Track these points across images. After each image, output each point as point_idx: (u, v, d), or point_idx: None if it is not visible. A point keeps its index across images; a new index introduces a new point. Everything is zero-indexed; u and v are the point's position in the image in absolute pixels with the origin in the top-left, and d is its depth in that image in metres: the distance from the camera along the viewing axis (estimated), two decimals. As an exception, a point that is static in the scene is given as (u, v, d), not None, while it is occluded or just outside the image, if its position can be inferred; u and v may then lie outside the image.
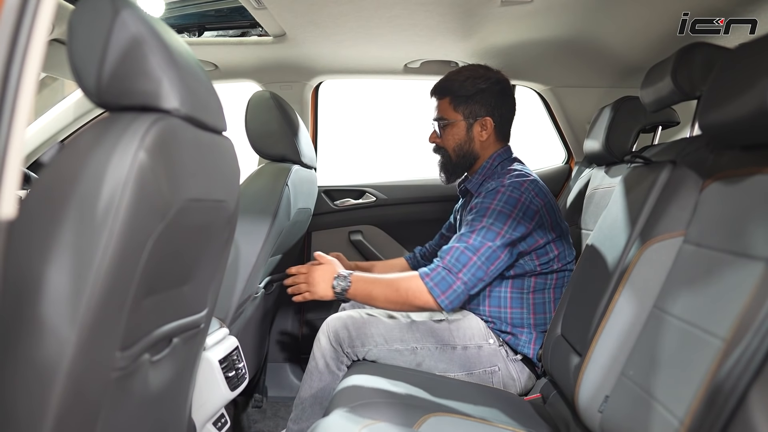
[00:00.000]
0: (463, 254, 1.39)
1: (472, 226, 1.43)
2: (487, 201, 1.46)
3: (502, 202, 1.44)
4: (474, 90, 1.57)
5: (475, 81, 1.58)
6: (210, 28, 1.93)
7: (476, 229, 1.41)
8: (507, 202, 1.44)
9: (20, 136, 0.61)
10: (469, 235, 1.41)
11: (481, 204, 1.46)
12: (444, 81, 1.62)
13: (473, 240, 1.40)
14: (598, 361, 1.05)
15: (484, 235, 1.40)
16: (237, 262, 1.49)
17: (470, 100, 1.58)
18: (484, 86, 1.57)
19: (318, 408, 1.48)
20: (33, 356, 0.60)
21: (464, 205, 1.73)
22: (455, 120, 1.60)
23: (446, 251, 1.42)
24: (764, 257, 0.73)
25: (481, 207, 1.46)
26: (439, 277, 1.38)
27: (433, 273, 1.39)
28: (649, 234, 1.05)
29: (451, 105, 1.60)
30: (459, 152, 1.62)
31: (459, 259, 1.39)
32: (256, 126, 1.73)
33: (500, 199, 1.44)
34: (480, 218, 1.43)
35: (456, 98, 1.59)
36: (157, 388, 0.85)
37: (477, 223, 1.43)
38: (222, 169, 0.88)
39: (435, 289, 1.37)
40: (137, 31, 0.69)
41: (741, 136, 0.89)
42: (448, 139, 1.62)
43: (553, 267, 1.53)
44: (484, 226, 1.41)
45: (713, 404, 0.66)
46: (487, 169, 1.61)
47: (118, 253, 0.62)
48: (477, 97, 1.58)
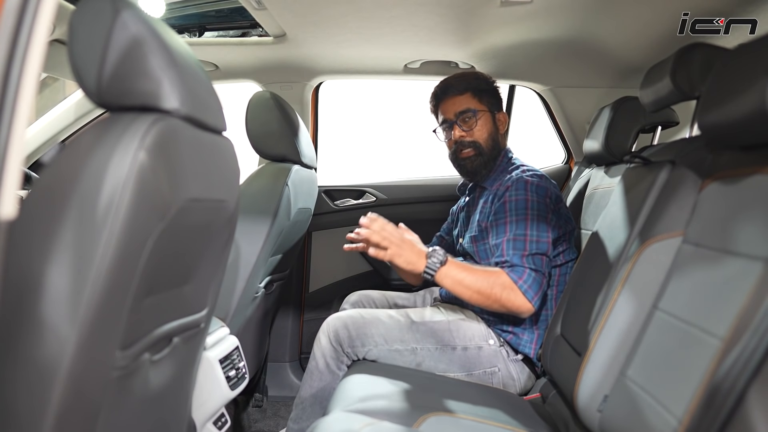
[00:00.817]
0: (536, 256, 1.41)
1: (522, 221, 1.44)
2: (521, 194, 1.48)
3: (535, 192, 1.48)
4: (490, 84, 1.66)
5: (486, 78, 1.66)
6: (210, 28, 1.93)
7: (528, 225, 1.43)
8: (539, 192, 1.48)
9: (21, 136, 0.62)
10: (524, 233, 1.43)
11: (516, 196, 1.48)
12: (458, 78, 1.64)
13: (532, 236, 1.42)
14: (598, 361, 1.05)
15: (538, 230, 1.43)
16: (237, 262, 1.49)
17: (490, 93, 1.65)
18: (494, 84, 1.67)
19: (318, 407, 1.48)
20: (33, 355, 0.60)
21: (472, 201, 1.73)
22: (483, 110, 1.62)
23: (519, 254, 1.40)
24: (763, 257, 0.73)
25: (518, 200, 1.48)
26: (531, 279, 1.39)
27: (525, 276, 1.39)
28: (648, 234, 1.05)
29: (475, 97, 1.62)
30: (490, 143, 1.63)
31: (535, 261, 1.40)
32: (257, 126, 1.74)
33: (532, 189, 1.48)
34: (524, 211, 1.45)
35: (478, 91, 1.62)
36: (158, 388, 0.85)
37: (524, 215, 1.45)
38: (222, 169, 0.88)
39: (529, 291, 1.38)
40: (137, 32, 0.69)
41: (740, 136, 0.89)
42: (480, 130, 1.62)
43: (558, 261, 1.55)
44: (534, 220, 1.44)
45: (712, 403, 0.67)
46: (500, 165, 1.65)
47: (118, 252, 0.62)
48: (494, 92, 1.66)
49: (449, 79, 1.66)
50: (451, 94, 1.63)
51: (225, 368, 1.26)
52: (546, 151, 2.53)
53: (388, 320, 1.52)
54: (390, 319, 1.52)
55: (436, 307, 1.62)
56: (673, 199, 1.03)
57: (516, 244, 1.42)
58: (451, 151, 1.66)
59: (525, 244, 1.42)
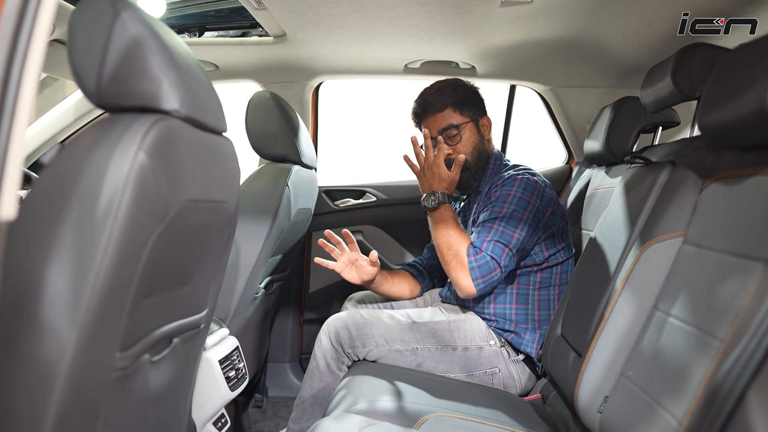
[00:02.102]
0: (497, 244, 1.42)
1: (495, 212, 1.47)
2: (506, 189, 1.50)
3: (521, 188, 1.49)
4: (470, 92, 1.63)
5: (463, 85, 1.63)
6: (210, 28, 1.93)
7: (500, 216, 1.45)
8: (525, 189, 1.49)
9: (21, 136, 0.62)
10: (493, 221, 1.45)
11: (500, 191, 1.50)
12: (436, 93, 1.60)
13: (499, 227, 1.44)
14: (598, 362, 1.05)
15: (507, 222, 1.44)
16: (237, 263, 1.49)
17: (470, 101, 1.62)
18: (473, 89, 1.65)
19: (318, 408, 1.48)
20: (33, 356, 0.60)
21: (468, 205, 1.73)
22: (465, 123, 1.60)
23: (481, 239, 1.44)
24: (763, 258, 0.73)
25: (501, 194, 1.50)
26: (483, 262, 1.41)
27: (478, 256, 1.41)
28: (648, 234, 1.05)
29: (456, 111, 1.60)
30: (477, 154, 1.62)
31: (495, 249, 1.42)
32: (257, 126, 1.74)
33: (519, 185, 1.49)
34: (501, 204, 1.47)
35: (458, 103, 1.60)
36: (158, 388, 0.85)
37: (499, 208, 1.47)
38: (222, 170, 0.88)
39: (475, 271, 1.41)
40: (137, 32, 0.69)
41: (740, 137, 0.89)
42: (465, 144, 1.60)
43: (558, 259, 1.55)
44: (507, 213, 1.45)
45: (711, 405, 0.66)
46: (492, 168, 1.65)
47: (118, 253, 0.62)
48: (474, 98, 1.63)
49: (427, 95, 1.62)
50: (431, 111, 1.60)
51: (225, 369, 1.26)
52: (547, 151, 2.53)
53: (388, 320, 1.52)
54: (391, 319, 1.52)
55: (436, 308, 1.62)
56: (673, 200, 1.03)
57: (483, 229, 1.46)
58: None
59: (490, 231, 1.44)
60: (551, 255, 1.54)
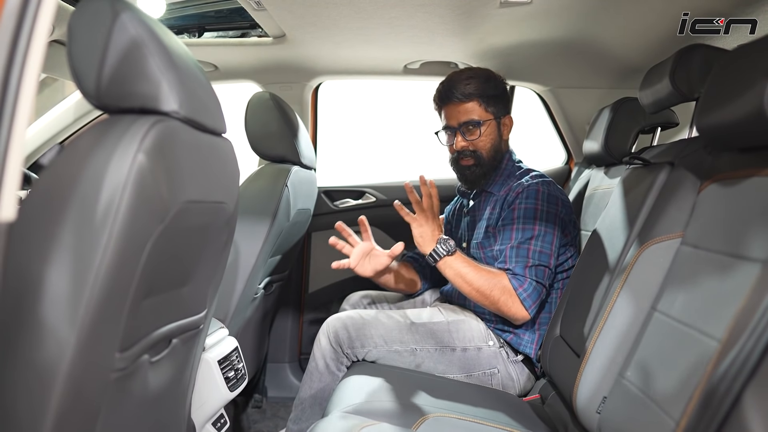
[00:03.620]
0: (539, 268, 1.41)
1: (528, 230, 1.44)
2: (531, 202, 1.47)
3: (545, 201, 1.47)
4: (501, 88, 1.59)
5: (496, 80, 1.59)
6: (210, 29, 1.93)
7: (534, 236, 1.43)
8: (550, 201, 1.47)
9: (21, 137, 0.62)
10: (529, 242, 1.43)
11: (526, 204, 1.47)
12: (466, 81, 1.56)
13: (536, 246, 1.42)
14: (596, 362, 1.05)
15: (543, 240, 1.43)
16: (236, 263, 1.49)
17: (498, 98, 1.58)
18: (504, 85, 1.61)
19: (318, 408, 1.48)
20: (33, 357, 0.60)
21: (477, 206, 1.68)
22: (488, 119, 1.57)
23: (522, 264, 1.41)
24: (760, 259, 0.73)
25: (527, 208, 1.47)
26: (532, 288, 1.40)
27: (525, 284, 1.40)
28: (647, 235, 1.05)
29: (482, 105, 1.56)
30: (493, 152, 1.59)
31: (538, 273, 1.41)
32: (256, 127, 1.74)
33: (542, 198, 1.47)
34: (531, 221, 1.45)
35: (486, 98, 1.56)
36: (157, 389, 0.85)
37: (531, 225, 1.45)
38: (221, 171, 0.88)
39: (528, 300, 1.39)
40: (136, 34, 0.69)
41: (738, 138, 0.89)
42: (484, 140, 1.57)
43: (565, 267, 1.54)
44: (541, 231, 1.43)
45: (708, 405, 0.67)
46: (504, 168, 1.62)
47: (117, 254, 0.62)
48: (502, 95, 1.60)
49: (456, 79, 1.57)
50: (456, 100, 1.56)
51: (224, 369, 1.26)
52: (546, 151, 2.53)
53: (387, 321, 1.52)
54: (390, 320, 1.52)
55: (435, 308, 1.62)
56: (672, 201, 1.04)
57: (520, 252, 1.42)
58: (452, 156, 1.63)
59: (528, 253, 1.42)
60: (560, 263, 1.53)
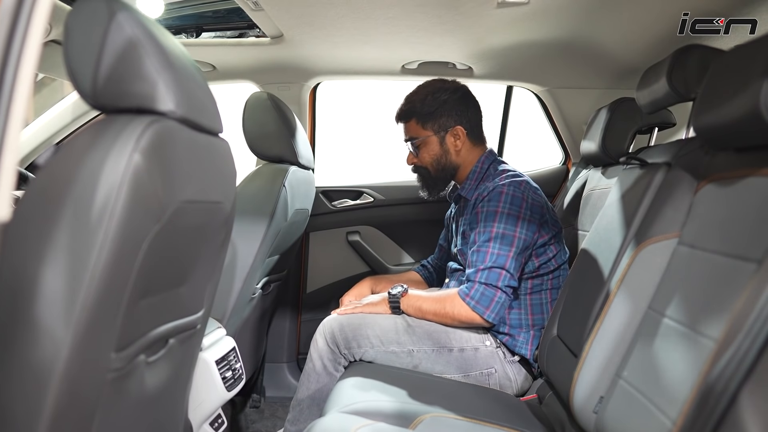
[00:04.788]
0: (492, 270, 1.44)
1: (486, 233, 1.47)
2: (493, 204, 1.49)
3: (508, 203, 1.48)
4: (436, 104, 1.63)
5: (434, 96, 1.63)
6: (207, 29, 1.93)
7: (492, 237, 1.46)
8: (513, 203, 1.48)
9: (16, 137, 0.62)
10: (486, 245, 1.46)
11: (488, 207, 1.49)
12: (405, 105, 1.67)
13: (494, 249, 1.45)
14: (593, 362, 1.05)
15: (501, 242, 1.45)
16: (234, 263, 1.49)
17: (435, 114, 1.63)
18: (445, 97, 1.63)
19: (315, 409, 1.48)
20: (28, 357, 0.60)
21: (459, 212, 1.73)
22: (426, 137, 1.65)
23: (475, 268, 1.46)
24: (756, 259, 0.73)
25: (489, 211, 1.49)
26: (479, 294, 1.43)
27: (472, 291, 1.44)
28: (644, 235, 1.05)
29: (419, 124, 1.65)
30: (437, 166, 1.67)
31: (490, 276, 1.44)
32: (254, 127, 1.74)
33: (505, 200, 1.49)
34: (491, 223, 1.47)
35: (421, 117, 1.64)
36: (154, 389, 0.85)
37: (490, 228, 1.47)
38: (218, 171, 0.88)
39: (478, 307, 1.44)
40: (133, 34, 0.69)
41: (734, 138, 0.89)
42: (424, 156, 1.67)
43: (550, 267, 1.55)
44: (499, 233, 1.45)
45: (705, 405, 0.67)
46: (478, 173, 1.65)
47: (113, 254, 0.62)
48: (441, 110, 1.63)
49: (403, 103, 1.69)
50: (400, 121, 1.70)
51: (221, 369, 1.26)
52: (543, 152, 2.53)
53: (384, 321, 1.52)
54: (386, 320, 1.53)
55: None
56: (668, 201, 1.04)
57: (479, 255, 1.47)
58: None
59: (486, 256, 1.45)
60: (542, 264, 1.54)
